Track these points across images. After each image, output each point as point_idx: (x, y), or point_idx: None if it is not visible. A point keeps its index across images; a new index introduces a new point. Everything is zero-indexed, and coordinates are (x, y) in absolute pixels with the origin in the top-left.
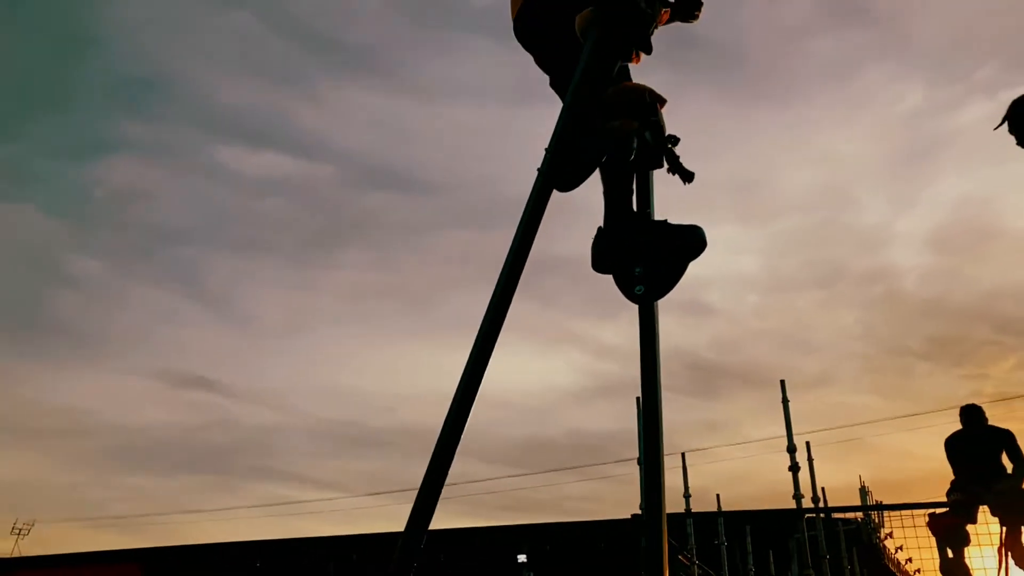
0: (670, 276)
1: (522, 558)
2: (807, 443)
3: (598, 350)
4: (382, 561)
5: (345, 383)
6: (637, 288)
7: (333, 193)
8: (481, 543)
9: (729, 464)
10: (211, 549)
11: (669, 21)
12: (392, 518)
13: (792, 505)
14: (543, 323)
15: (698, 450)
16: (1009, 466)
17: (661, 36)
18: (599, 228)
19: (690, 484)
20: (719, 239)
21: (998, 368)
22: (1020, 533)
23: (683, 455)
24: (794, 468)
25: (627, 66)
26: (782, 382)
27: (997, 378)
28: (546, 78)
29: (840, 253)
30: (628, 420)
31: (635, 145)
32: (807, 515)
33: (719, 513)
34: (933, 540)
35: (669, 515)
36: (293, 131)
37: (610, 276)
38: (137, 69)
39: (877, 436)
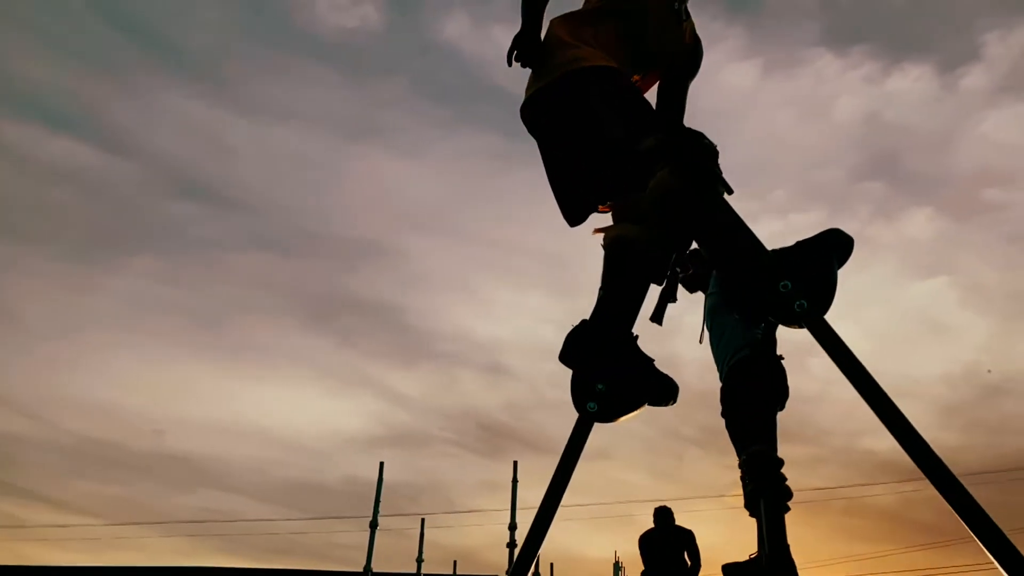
0: (625, 407)
1: None
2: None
3: (392, 398)
4: None
5: (110, 398)
6: (590, 404)
7: (132, 194)
8: None
9: (498, 528)
10: None
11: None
12: (141, 550)
13: None
14: (337, 363)
15: (476, 511)
16: (689, 563)
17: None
18: (583, 321)
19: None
20: (526, 306)
21: None
22: None
23: (422, 520)
24: (511, 545)
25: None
26: (515, 463)
27: None
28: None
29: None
30: (411, 474)
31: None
32: None
33: None
34: None
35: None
36: (101, 123)
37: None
38: None
39: (646, 515)
